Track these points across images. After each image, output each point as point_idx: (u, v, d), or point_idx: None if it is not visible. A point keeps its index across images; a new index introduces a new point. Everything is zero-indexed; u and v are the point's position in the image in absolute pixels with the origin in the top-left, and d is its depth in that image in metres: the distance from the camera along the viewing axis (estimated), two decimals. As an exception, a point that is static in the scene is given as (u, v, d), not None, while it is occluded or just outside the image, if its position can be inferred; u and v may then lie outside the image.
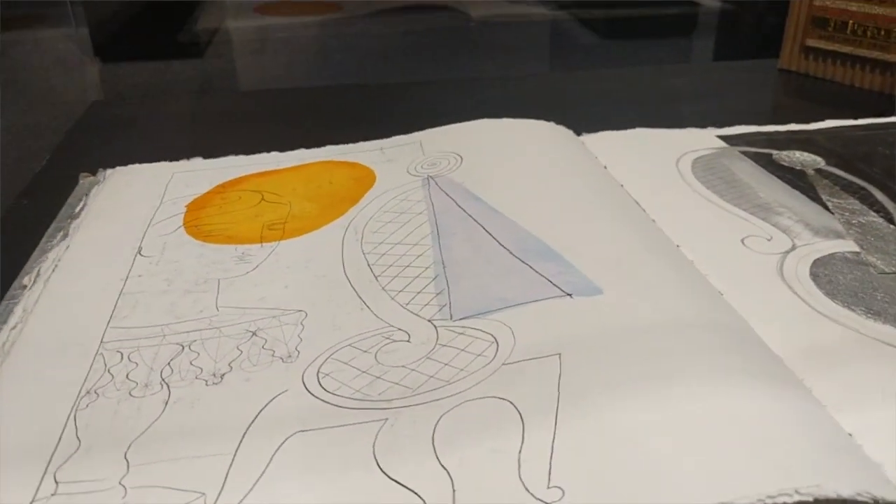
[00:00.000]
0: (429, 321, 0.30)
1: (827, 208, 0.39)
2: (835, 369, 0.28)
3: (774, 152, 0.46)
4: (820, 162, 0.45)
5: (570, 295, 0.30)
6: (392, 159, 0.44)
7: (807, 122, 0.50)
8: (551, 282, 0.31)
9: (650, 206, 0.39)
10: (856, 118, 0.50)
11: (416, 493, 0.22)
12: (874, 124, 0.50)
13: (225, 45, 1.17)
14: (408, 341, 0.29)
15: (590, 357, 0.27)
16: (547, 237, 0.34)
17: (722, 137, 0.48)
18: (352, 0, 1.02)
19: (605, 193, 0.39)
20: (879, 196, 0.41)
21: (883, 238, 0.37)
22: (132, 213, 0.40)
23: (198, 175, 0.44)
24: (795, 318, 0.31)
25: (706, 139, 0.48)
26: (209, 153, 0.46)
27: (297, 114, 0.56)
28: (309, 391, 0.27)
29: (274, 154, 0.47)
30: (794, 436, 0.23)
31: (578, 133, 0.49)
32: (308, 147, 0.47)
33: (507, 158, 0.42)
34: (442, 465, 0.23)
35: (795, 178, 0.43)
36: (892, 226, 0.38)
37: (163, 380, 0.28)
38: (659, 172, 0.43)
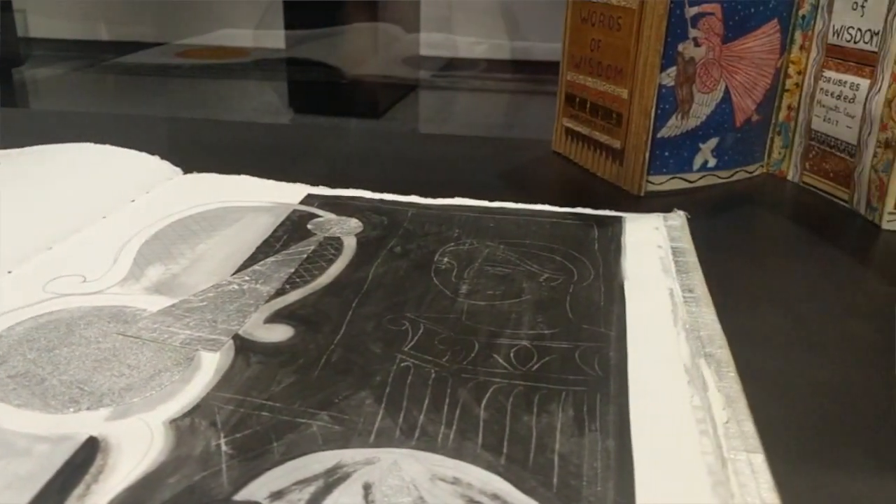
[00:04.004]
0: None
1: (248, 267, 0.34)
2: None
3: (326, 215, 0.40)
4: (352, 230, 0.38)
5: None
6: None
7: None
8: None
9: (89, 240, 0.36)
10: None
11: None
12: (503, 209, 0.42)
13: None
14: None
15: None
16: None
17: (311, 195, 0.43)
18: (261, 47, 1.08)
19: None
20: (334, 269, 0.34)
21: (195, 310, 0.30)
22: None
23: None
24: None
25: (286, 194, 0.43)
26: None
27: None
28: None
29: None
30: None
31: (188, 171, 0.46)
32: None
33: (28, 168, 0.42)
34: None
35: (289, 240, 0.37)
36: (251, 305, 0.31)
37: None
38: (158, 213, 0.39)
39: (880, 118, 0.41)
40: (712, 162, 0.47)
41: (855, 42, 0.43)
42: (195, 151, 0.53)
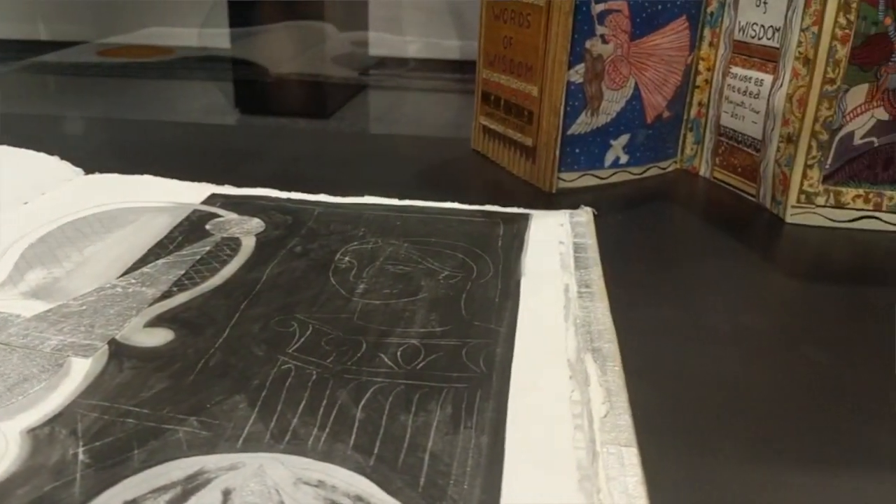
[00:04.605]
0: None
1: (136, 269, 0.33)
2: None
3: (228, 215, 0.39)
4: (253, 230, 0.38)
5: None
6: None
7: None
8: None
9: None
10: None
11: None
12: (412, 207, 0.42)
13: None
14: None
15: None
16: None
17: (215, 195, 0.42)
18: (183, 45, 1.07)
19: None
20: (227, 270, 0.33)
21: (72, 315, 0.29)
22: None
23: None
24: None
25: (189, 194, 0.42)
26: None
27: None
28: None
29: None
30: None
31: (90, 172, 0.45)
32: None
33: None
34: None
35: (185, 241, 0.36)
36: (132, 309, 0.30)
37: None
38: (50, 215, 0.38)
39: (783, 113, 0.42)
40: (624, 158, 0.47)
41: (759, 38, 0.44)
42: (119, 153, 0.51)
